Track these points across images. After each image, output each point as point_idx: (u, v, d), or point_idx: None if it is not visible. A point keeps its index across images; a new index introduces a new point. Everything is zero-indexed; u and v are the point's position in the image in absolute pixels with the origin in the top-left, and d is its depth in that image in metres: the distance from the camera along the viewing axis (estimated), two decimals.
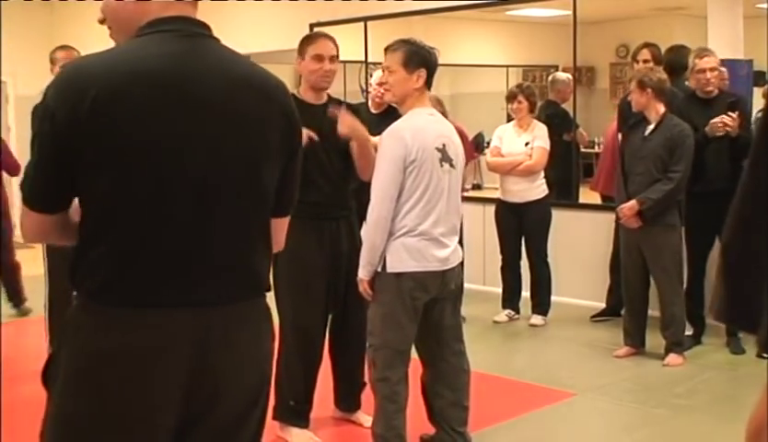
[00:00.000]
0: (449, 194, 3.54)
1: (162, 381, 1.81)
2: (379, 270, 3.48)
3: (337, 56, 4.01)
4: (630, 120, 5.43)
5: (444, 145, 3.51)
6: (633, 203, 5.17)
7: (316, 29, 8.16)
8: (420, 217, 3.45)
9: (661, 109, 5.18)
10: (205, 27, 1.91)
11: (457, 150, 3.60)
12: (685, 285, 5.51)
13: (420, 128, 3.49)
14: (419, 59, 3.50)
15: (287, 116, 1.95)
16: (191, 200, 1.82)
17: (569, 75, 7.35)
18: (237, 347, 1.88)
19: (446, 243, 3.53)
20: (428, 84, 3.56)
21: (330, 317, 4.11)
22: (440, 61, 3.61)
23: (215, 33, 1.93)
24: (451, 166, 3.54)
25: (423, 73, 3.49)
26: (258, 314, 1.97)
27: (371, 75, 6.28)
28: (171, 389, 1.82)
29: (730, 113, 5.22)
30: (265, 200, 1.93)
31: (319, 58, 3.92)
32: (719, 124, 5.21)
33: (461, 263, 3.67)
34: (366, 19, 7.99)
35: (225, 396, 1.88)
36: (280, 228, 2.04)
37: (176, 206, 1.81)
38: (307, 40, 4.02)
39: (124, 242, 1.79)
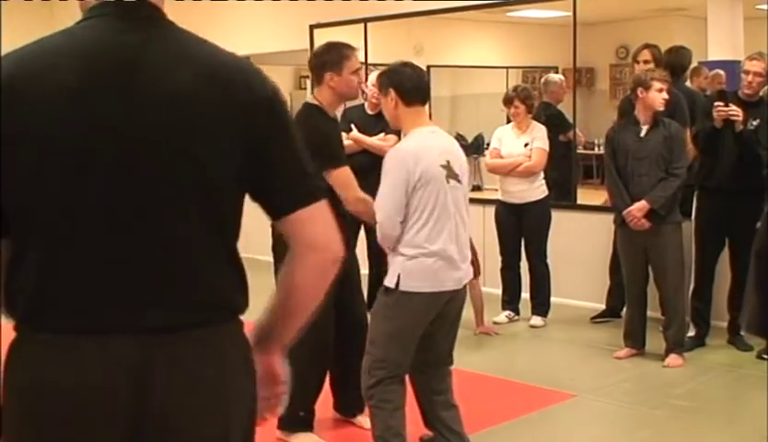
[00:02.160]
0: (458, 210, 3.52)
1: (96, 427, 1.53)
2: (392, 286, 3.45)
3: None
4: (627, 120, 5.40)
5: (448, 162, 3.49)
6: (642, 203, 5.12)
7: (316, 31, 8.19)
8: (432, 236, 3.42)
9: None
10: (157, 9, 1.61)
11: (461, 165, 3.57)
12: (693, 286, 5.51)
13: (423, 147, 3.48)
14: (387, 81, 3.56)
15: (247, 110, 1.58)
16: (123, 202, 1.53)
17: (562, 76, 7.36)
18: (192, 387, 1.56)
19: (459, 263, 3.51)
20: (413, 99, 3.51)
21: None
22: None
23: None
24: (458, 181, 3.52)
25: (391, 92, 3.52)
26: (226, 344, 1.62)
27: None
28: (110, 436, 1.54)
29: (733, 106, 5.18)
30: (216, 206, 1.60)
31: (356, 72, 3.97)
32: (720, 112, 5.16)
33: None
34: (366, 20, 7.97)
35: None
36: (303, 222, 1.68)
37: (104, 210, 1.52)
38: (341, 55, 3.88)
39: (47, 256, 1.53)
